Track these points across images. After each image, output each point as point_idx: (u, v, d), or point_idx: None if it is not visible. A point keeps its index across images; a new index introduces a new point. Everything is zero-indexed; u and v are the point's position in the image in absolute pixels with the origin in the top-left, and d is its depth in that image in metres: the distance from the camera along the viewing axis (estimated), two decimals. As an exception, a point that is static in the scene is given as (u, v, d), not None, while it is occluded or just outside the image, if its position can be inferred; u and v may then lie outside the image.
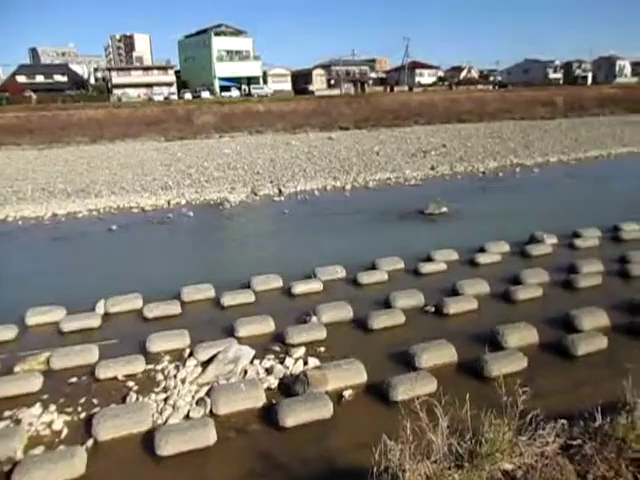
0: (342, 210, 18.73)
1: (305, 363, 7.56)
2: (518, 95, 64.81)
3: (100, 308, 9.83)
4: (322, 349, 8.11)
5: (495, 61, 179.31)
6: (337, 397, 6.72)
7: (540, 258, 12.25)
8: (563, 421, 4.61)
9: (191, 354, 7.85)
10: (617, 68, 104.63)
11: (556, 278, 10.72)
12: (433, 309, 9.40)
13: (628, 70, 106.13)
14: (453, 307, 9.25)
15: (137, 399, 6.75)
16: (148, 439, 5.93)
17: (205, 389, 6.92)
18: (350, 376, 7.02)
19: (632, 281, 10.68)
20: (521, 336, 7.96)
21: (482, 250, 12.61)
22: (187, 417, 6.37)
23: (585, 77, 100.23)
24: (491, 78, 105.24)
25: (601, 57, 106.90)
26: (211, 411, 6.45)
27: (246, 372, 7.36)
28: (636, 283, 10.52)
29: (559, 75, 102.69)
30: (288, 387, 6.94)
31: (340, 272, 11.41)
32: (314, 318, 8.99)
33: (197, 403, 6.62)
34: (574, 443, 4.27)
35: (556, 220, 15.29)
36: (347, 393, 6.81)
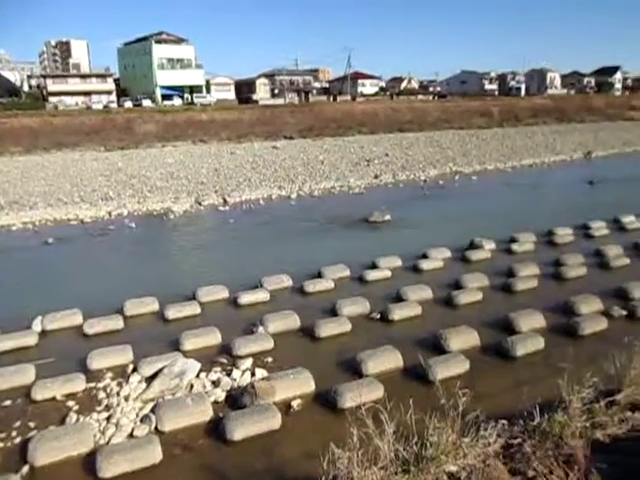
0: (288, 219, 18.73)
1: (253, 374, 7.50)
2: (456, 105, 66.88)
3: (37, 325, 9.41)
4: (270, 359, 8.07)
5: (434, 72, 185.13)
6: (285, 407, 6.70)
7: (480, 263, 12.66)
8: (504, 421, 4.77)
9: (135, 370, 7.63)
10: (548, 80, 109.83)
11: (495, 282, 11.11)
12: (379, 316, 9.53)
13: (558, 82, 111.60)
14: (398, 313, 9.41)
15: (77, 419, 6.49)
16: (90, 461, 5.70)
17: (150, 405, 6.73)
18: (298, 385, 7.01)
19: (566, 283, 11.20)
20: (463, 339, 8.19)
21: (425, 256, 12.91)
22: (131, 435, 6.18)
23: (519, 88, 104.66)
24: (431, 89, 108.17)
25: (533, 69, 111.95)
26: (156, 428, 6.28)
27: (192, 386, 7.22)
28: (569, 285, 11.03)
29: (494, 86, 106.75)
30: (236, 399, 6.86)
31: (286, 281, 11.40)
32: (261, 328, 8.93)
33: (142, 420, 6.44)
34: (514, 442, 4.42)
35: (494, 226, 15.83)
36: (295, 403, 6.79)
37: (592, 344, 8.14)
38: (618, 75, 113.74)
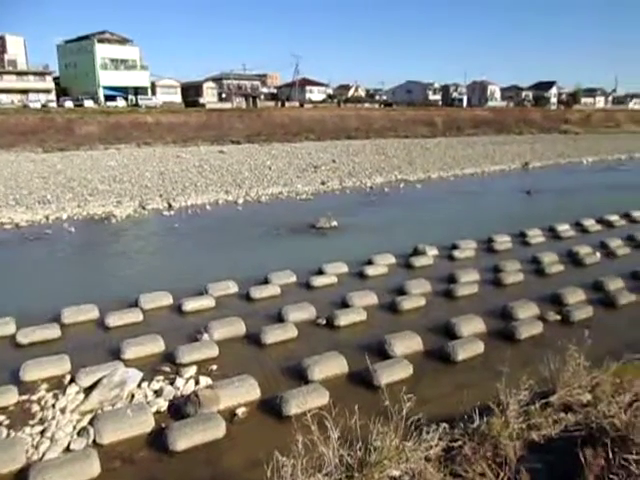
0: (234, 224, 18.56)
1: (197, 383, 7.35)
2: (402, 114, 68.25)
3: (-35, 335, 8.90)
4: (214, 367, 7.94)
5: (380, 81, 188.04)
6: (230, 416, 6.60)
7: (423, 269, 12.94)
8: (445, 424, 4.87)
9: (72, 380, 7.33)
10: (489, 92, 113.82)
11: (437, 288, 11.37)
12: (324, 321, 9.57)
13: (498, 95, 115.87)
14: (343, 319, 9.48)
15: (8, 434, 6.16)
16: (22, 478, 5.42)
17: (88, 417, 6.48)
18: (243, 393, 6.92)
19: (504, 289, 11.59)
20: (407, 344, 8.32)
21: (370, 262, 13.07)
22: (68, 449, 5.92)
23: (461, 99, 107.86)
24: (377, 97, 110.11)
25: (475, 82, 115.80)
26: (95, 441, 6.05)
27: (133, 396, 7.00)
28: (508, 291, 11.42)
29: (438, 97, 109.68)
30: (179, 409, 6.70)
31: (232, 287, 11.28)
32: (206, 335, 8.78)
33: (79, 433, 6.18)
34: (455, 445, 4.52)
35: (437, 233, 16.25)
36: (240, 411, 6.71)
37: (528, 348, 8.45)
38: (554, 90, 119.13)
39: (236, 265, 13.24)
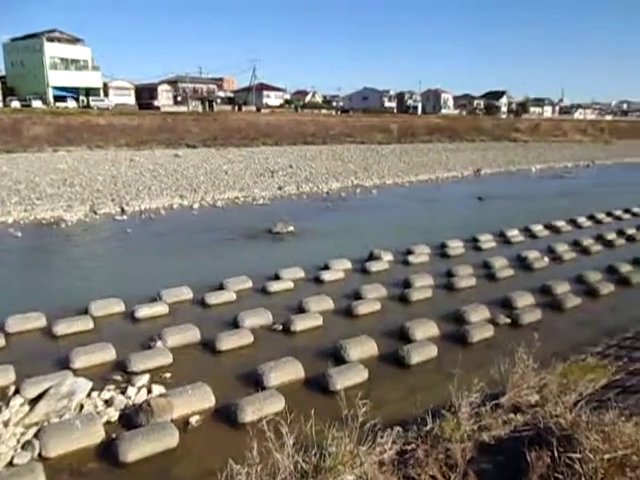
0: (189, 229, 18.28)
1: (149, 391, 7.19)
2: (358, 120, 68.89)
3: None
4: (168, 375, 7.79)
5: (337, 87, 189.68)
6: (184, 424, 6.48)
7: (378, 274, 13.07)
8: (399, 428, 4.92)
9: (17, 392, 7.03)
10: (442, 100, 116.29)
11: (393, 292, 11.51)
12: (281, 327, 9.54)
13: (451, 103, 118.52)
14: (299, 324, 9.47)
15: (-53, 450, 5.86)
16: (-39, 495, 5.17)
17: (33, 430, 6.23)
18: (197, 401, 6.81)
19: (457, 293, 11.83)
20: (362, 349, 8.38)
21: (326, 267, 13.11)
22: (11, 464, 5.67)
23: (416, 107, 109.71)
24: (334, 103, 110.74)
25: (429, 89, 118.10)
26: (40, 454, 5.82)
27: (82, 407, 6.78)
28: (460, 295, 11.66)
29: (394, 104, 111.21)
30: (130, 419, 6.53)
31: (187, 293, 11.10)
32: (159, 343, 8.61)
33: (23, 447, 5.93)
34: (408, 448, 4.57)
35: (392, 238, 16.45)
36: (194, 419, 6.59)
37: (480, 350, 8.65)
38: (504, 99, 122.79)
39: (191, 271, 13.04)
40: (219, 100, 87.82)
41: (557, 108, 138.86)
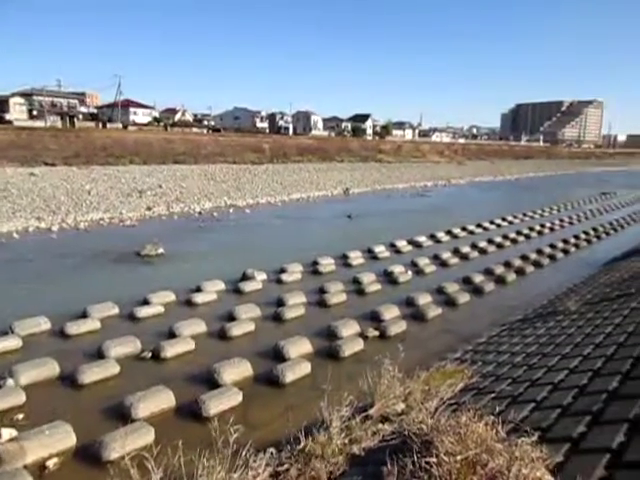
0: (48, 254, 16.86)
1: (-2, 436, 6.44)
2: (230, 140, 68.58)
3: None
4: (20, 416, 7.06)
5: (208, 106, 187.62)
6: (39, 469, 5.89)
7: (252, 294, 13.01)
8: (272, 449, 4.88)
9: None
10: (312, 122, 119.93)
11: (266, 312, 11.50)
12: (150, 354, 9.10)
13: (321, 124, 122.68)
14: (170, 350, 9.10)
15: None
16: None
17: None
18: (55, 442, 6.23)
19: (329, 309, 12.13)
20: (236, 371, 8.25)
21: (199, 289, 12.79)
22: None
23: (287, 128, 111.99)
24: (205, 122, 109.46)
25: (299, 111, 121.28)
26: None
27: None
28: (332, 311, 11.96)
29: (265, 124, 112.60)
30: (-26, 470, 5.80)
31: (44, 324, 10.19)
32: (10, 381, 7.78)
33: None
34: (282, 469, 4.54)
35: (266, 257, 16.47)
36: (52, 462, 6.03)
37: (351, 364, 8.91)
38: (369, 122, 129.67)
39: (49, 299, 12.01)
40: (81, 116, 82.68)
41: (417, 131, 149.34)
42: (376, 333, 10.38)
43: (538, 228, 24.58)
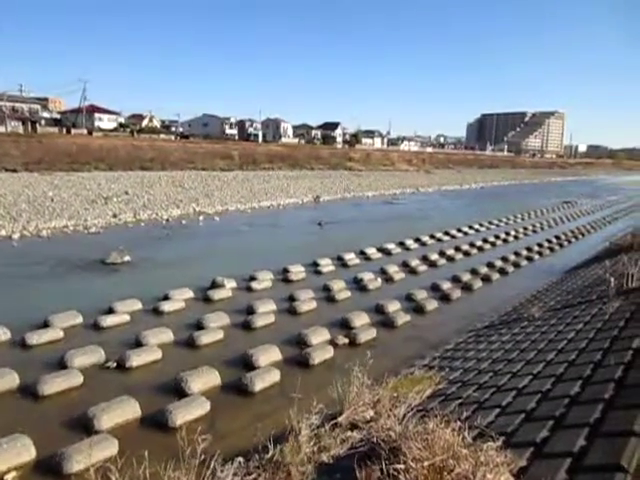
0: (7, 263, 16.39)
1: (-47, 452, 6.20)
2: (199, 147, 68.03)
3: None
4: (-24, 430, 6.81)
5: (176, 113, 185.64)
6: (-4, 485, 5.70)
7: (221, 302, 12.89)
8: (240, 459, 4.83)
9: None
10: (282, 129, 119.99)
11: (236, 320, 11.41)
12: (115, 364, 8.91)
13: (290, 132, 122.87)
14: (136, 359, 8.93)
15: None
16: None
17: None
18: (12, 456, 6.02)
19: (299, 317, 12.10)
20: (204, 380, 8.15)
21: (166, 298, 12.61)
22: None
23: (257, 135, 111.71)
24: (173, 128, 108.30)
25: (269, 118, 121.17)
26: None
27: None
28: (302, 318, 11.94)
29: (235, 131, 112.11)
30: None
31: (3, 334, 9.90)
32: (-33, 394, 7.52)
33: None
34: (249, 478, 4.50)
35: (235, 265, 16.37)
36: (10, 476, 5.83)
37: (321, 372, 8.91)
38: (339, 130, 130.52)
39: (8, 308, 11.65)
40: (44, 121, 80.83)
41: (385, 140, 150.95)
42: (346, 340, 10.40)
43: (503, 236, 25.10)
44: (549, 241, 23.97)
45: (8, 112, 72.22)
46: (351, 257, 18.54)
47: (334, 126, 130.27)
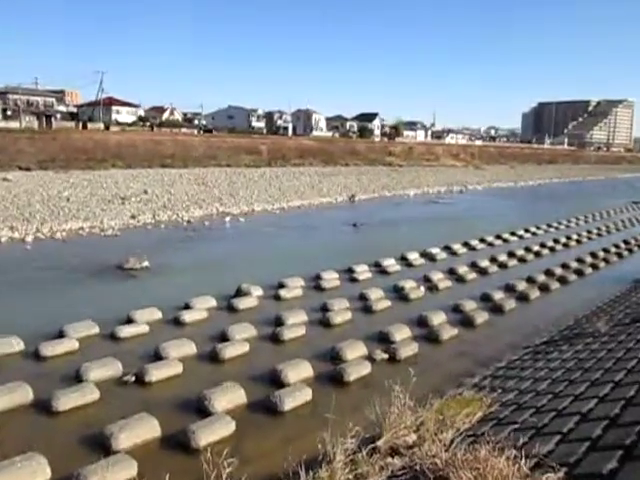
0: (21, 267, 16.91)
1: (-37, 470, 6.43)
2: (223, 141, 68.83)
3: None
4: (-11, 447, 7.04)
5: (199, 104, 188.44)
6: (9, 507, 5.87)
7: (247, 312, 12.99)
8: (268, 485, 4.86)
9: None
10: (314, 121, 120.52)
11: (263, 332, 11.48)
12: (133, 378, 9.08)
13: (323, 124, 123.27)
14: (155, 374, 9.08)
15: None
16: None
17: None
18: (27, 476, 6.19)
19: (332, 329, 12.11)
20: (229, 398, 8.22)
21: (187, 307, 12.78)
22: None
23: (286, 127, 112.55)
24: (195, 122, 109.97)
25: (299, 110, 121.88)
26: None
27: None
28: (336, 331, 11.95)
29: (262, 124, 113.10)
30: (-63, 507, 5.78)
31: (16, 345, 10.19)
32: (-22, 408, 7.77)
33: None
34: (279, 507, 4.52)
35: (262, 270, 16.49)
36: (23, 499, 6.00)
37: (357, 390, 8.90)
38: (377, 121, 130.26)
39: (21, 317, 12.00)
40: (60, 115, 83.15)
41: (429, 132, 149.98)
42: (385, 356, 10.35)
43: (564, 240, 24.61)
44: (616, 246, 23.38)
45: (23, 106, 74.55)
46: (390, 263, 18.46)
47: (371, 117, 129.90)
